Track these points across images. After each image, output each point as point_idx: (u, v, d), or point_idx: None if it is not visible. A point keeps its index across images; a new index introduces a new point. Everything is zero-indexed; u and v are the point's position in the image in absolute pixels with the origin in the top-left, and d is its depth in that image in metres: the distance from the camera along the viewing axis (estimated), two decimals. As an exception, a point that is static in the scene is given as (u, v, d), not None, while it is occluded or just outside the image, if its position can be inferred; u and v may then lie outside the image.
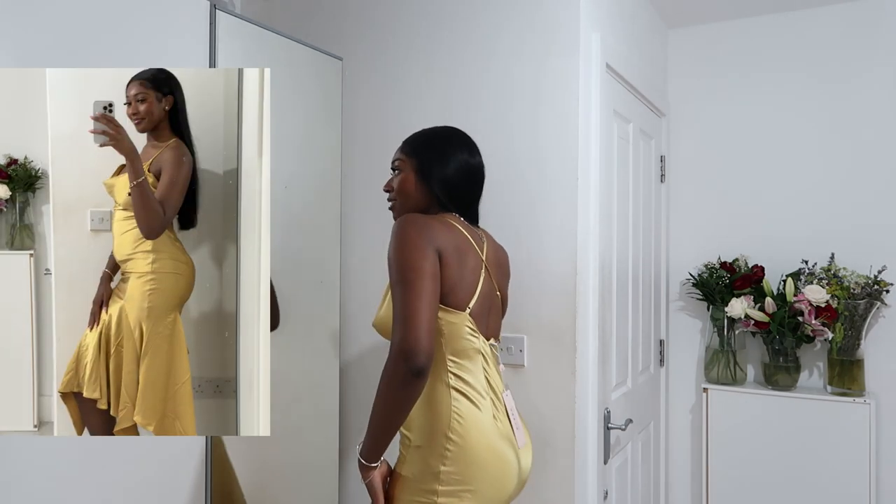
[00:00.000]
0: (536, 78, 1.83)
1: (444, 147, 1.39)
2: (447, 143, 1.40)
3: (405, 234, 1.23)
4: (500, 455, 1.27)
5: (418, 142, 1.42)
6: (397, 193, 1.41)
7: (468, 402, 1.26)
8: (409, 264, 1.20)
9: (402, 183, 1.40)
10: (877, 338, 2.31)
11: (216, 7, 1.61)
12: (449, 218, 1.35)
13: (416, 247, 1.21)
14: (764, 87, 2.51)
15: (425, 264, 1.20)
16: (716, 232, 2.58)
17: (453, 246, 1.27)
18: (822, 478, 2.24)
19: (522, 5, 1.85)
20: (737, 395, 2.38)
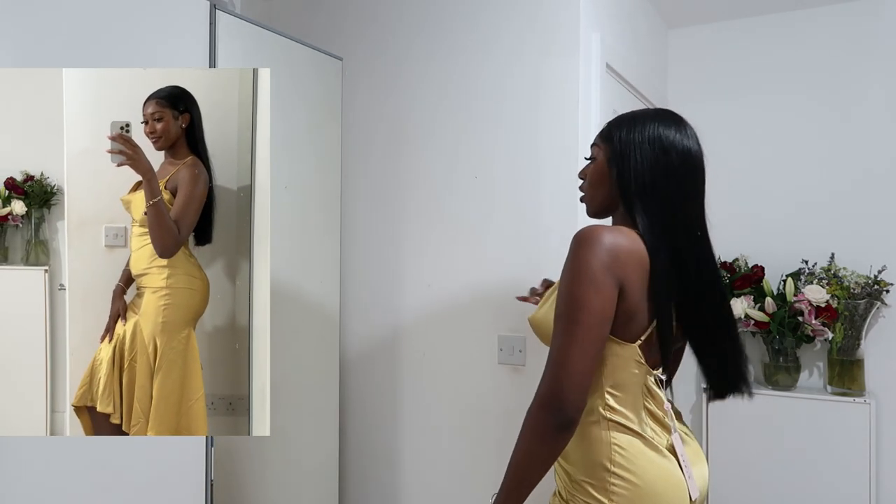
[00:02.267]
0: (536, 78, 1.83)
1: (645, 125, 1.12)
2: (651, 119, 1.13)
3: (582, 260, 1.04)
4: (674, 482, 1.10)
5: (617, 120, 1.18)
6: (588, 186, 1.20)
7: (627, 432, 1.10)
8: (578, 301, 1.02)
9: (594, 173, 1.18)
10: (877, 338, 2.31)
11: (216, 7, 1.61)
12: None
13: (591, 279, 1.02)
14: (764, 87, 2.51)
15: (597, 302, 1.02)
16: (716, 232, 2.56)
17: (640, 273, 1.06)
18: (822, 478, 2.24)
19: (522, 5, 1.85)
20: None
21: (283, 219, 1.85)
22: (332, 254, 2.02)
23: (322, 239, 1.99)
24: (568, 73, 1.79)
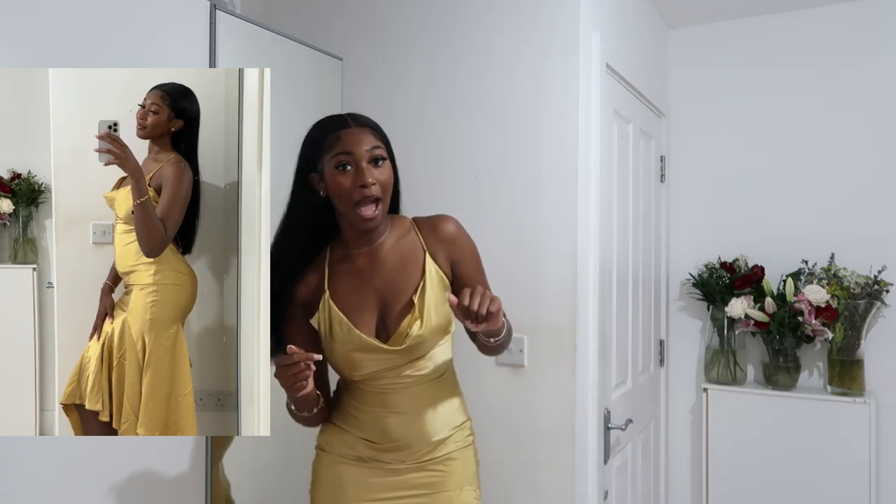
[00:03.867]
0: (536, 78, 1.83)
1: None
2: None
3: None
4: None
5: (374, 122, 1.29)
6: (383, 189, 1.24)
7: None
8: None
9: (390, 176, 1.26)
10: (877, 338, 2.31)
11: (216, 7, 1.61)
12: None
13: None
14: (764, 87, 2.51)
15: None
16: (716, 232, 2.58)
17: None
18: (822, 478, 2.24)
19: (523, 5, 1.85)
20: (737, 395, 2.38)
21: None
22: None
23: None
24: (568, 73, 1.79)
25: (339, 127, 1.23)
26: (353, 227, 1.25)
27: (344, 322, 1.25)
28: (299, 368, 1.09)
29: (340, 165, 1.21)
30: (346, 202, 1.21)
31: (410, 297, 1.27)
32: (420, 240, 1.32)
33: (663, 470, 2.63)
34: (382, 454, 1.29)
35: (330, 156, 1.22)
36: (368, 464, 1.30)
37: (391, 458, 1.29)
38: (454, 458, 1.32)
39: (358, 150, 1.20)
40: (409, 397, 1.28)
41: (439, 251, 1.31)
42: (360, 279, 1.28)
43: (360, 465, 1.30)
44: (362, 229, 1.24)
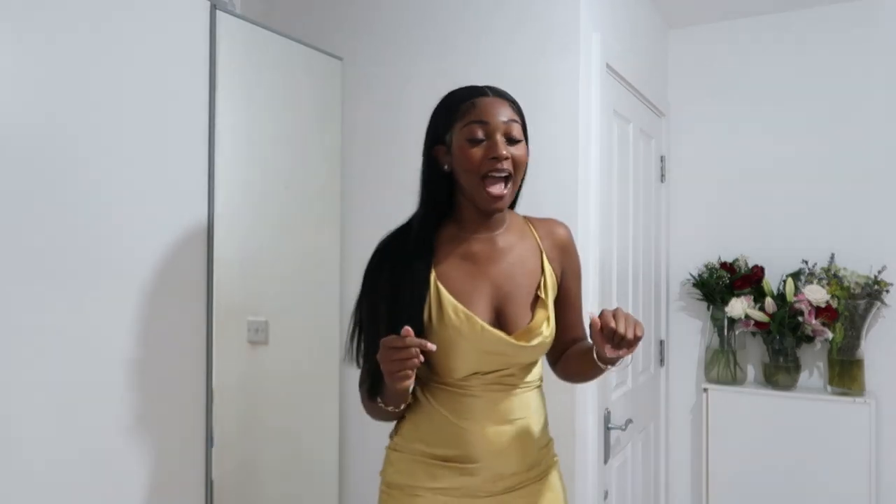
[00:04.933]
0: (536, 78, 1.83)
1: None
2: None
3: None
4: None
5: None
6: (516, 167, 1.10)
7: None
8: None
9: (525, 154, 1.12)
10: (877, 338, 2.31)
11: (216, 7, 1.61)
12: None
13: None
14: (764, 87, 2.51)
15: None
16: (716, 232, 2.58)
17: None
18: (822, 478, 2.24)
19: (522, 5, 1.85)
20: (737, 395, 2.38)
21: (283, 217, 1.85)
22: (333, 252, 2.02)
23: (322, 238, 1.99)
24: (568, 73, 1.79)
25: (476, 95, 1.11)
26: (477, 204, 1.10)
27: (460, 309, 1.07)
28: (410, 354, 0.94)
29: (472, 136, 1.07)
30: (472, 175, 1.07)
31: (536, 294, 1.14)
32: (536, 239, 1.20)
33: (663, 470, 2.63)
34: (471, 478, 1.09)
35: (462, 124, 1.08)
36: (457, 498, 1.09)
37: (482, 484, 1.10)
38: (552, 481, 1.19)
39: (494, 120, 1.07)
40: (520, 405, 1.12)
41: (553, 256, 1.20)
42: (475, 266, 1.13)
43: (447, 497, 1.10)
44: (487, 209, 1.10)
